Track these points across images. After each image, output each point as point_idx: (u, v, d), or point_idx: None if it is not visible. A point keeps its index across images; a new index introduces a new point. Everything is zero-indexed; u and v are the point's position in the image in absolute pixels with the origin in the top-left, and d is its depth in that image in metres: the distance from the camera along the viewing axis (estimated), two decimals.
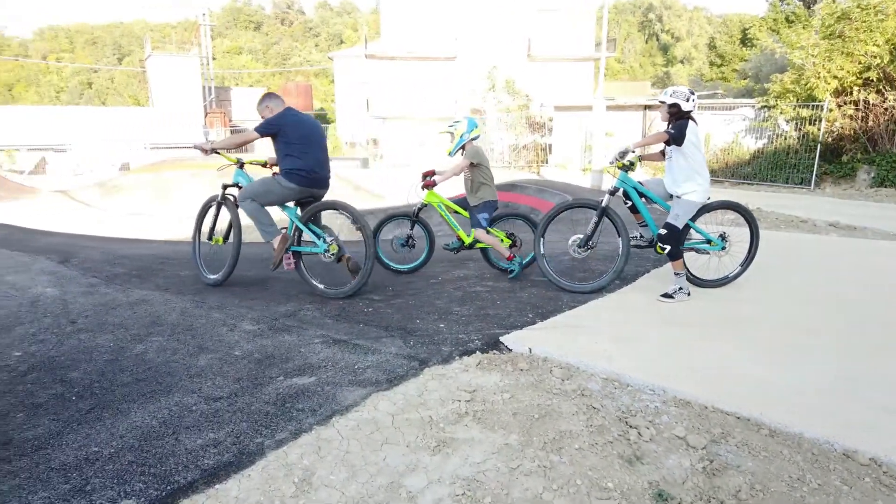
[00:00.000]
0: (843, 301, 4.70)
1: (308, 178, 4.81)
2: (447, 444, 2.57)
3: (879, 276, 5.63)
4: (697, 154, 4.72)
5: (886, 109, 14.79)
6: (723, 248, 5.04)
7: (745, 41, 60.52)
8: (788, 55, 16.50)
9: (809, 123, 15.84)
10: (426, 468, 2.40)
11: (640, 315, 4.27)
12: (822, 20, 16.06)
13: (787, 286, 5.12)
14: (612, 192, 4.88)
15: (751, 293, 4.89)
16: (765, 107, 17.04)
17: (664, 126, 4.84)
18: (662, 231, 4.71)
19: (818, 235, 8.07)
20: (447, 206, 5.62)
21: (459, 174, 5.50)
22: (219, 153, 4.99)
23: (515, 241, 5.52)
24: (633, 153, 4.80)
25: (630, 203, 5.02)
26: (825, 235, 8.08)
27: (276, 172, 4.90)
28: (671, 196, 4.87)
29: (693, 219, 4.81)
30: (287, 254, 4.81)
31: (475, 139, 5.54)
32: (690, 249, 5.05)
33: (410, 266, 5.76)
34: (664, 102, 4.76)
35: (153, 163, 20.12)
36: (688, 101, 4.69)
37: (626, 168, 4.83)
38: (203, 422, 2.70)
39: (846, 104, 15.37)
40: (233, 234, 5.15)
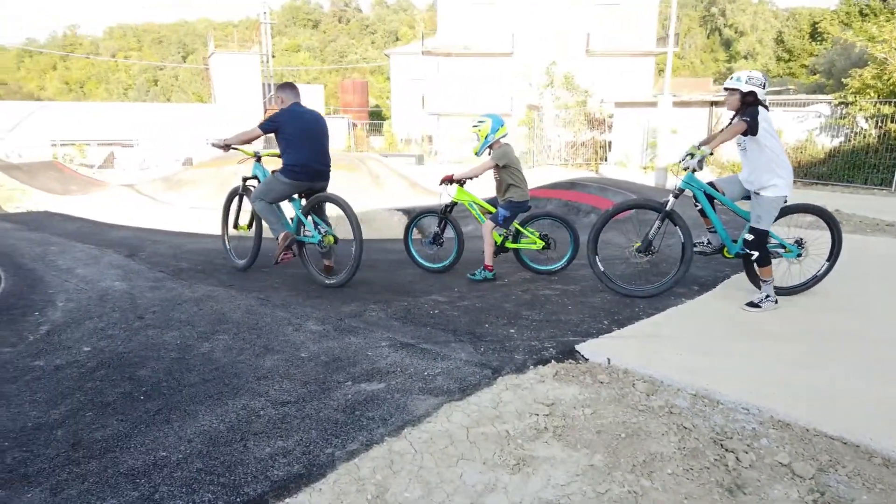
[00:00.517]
0: None
1: (304, 173, 5.00)
2: (527, 463, 2.39)
3: None
4: (774, 143, 4.28)
5: None
6: (798, 256, 4.64)
7: (815, 35, 57.87)
8: (869, 49, 15.56)
9: (892, 121, 14.89)
10: (506, 489, 2.23)
11: (725, 325, 3.98)
12: None
13: (887, 296, 4.72)
14: (677, 194, 4.51)
15: (843, 303, 4.51)
16: (842, 103, 16.13)
17: (729, 118, 4.47)
18: (749, 237, 4.35)
19: None
20: (477, 205, 5.48)
21: (481, 174, 5.36)
22: (237, 148, 5.22)
23: (549, 243, 5.31)
24: (706, 153, 4.30)
25: (699, 206, 4.66)
26: None
27: (276, 170, 5.09)
28: (747, 195, 4.51)
29: None
30: (286, 251, 5.06)
31: (503, 138, 5.38)
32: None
33: (441, 265, 5.63)
34: (736, 90, 4.30)
35: (214, 158, 20.56)
36: (763, 88, 4.29)
37: (694, 168, 4.44)
38: (271, 428, 2.60)
39: None
40: (255, 223, 5.51)
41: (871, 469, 2.43)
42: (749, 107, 4.26)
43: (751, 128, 4.20)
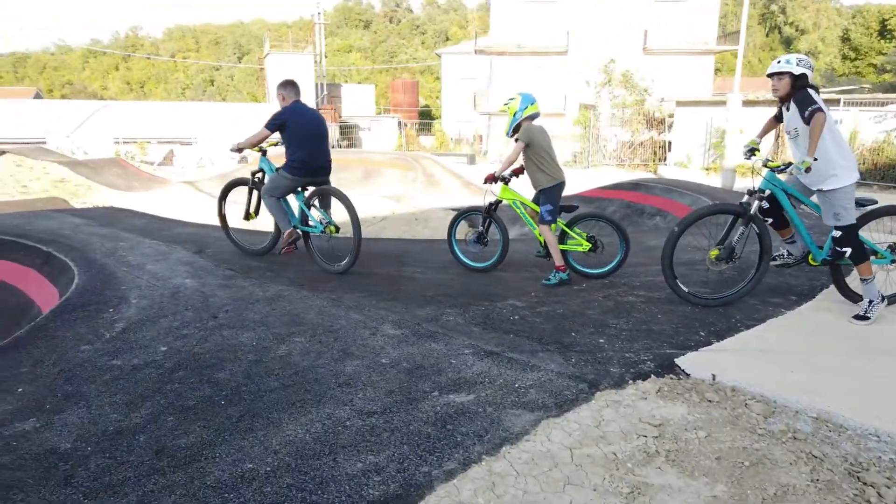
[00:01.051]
0: None
1: (305, 169, 5.35)
2: (642, 491, 2.16)
3: None
4: (833, 127, 3.93)
5: None
6: (893, 262, 4.24)
7: (885, 33, 55.16)
8: None
9: None
10: None
11: (834, 339, 3.64)
12: None
13: None
14: (761, 197, 4.13)
15: None
16: None
17: (778, 107, 4.14)
18: (836, 233, 3.98)
19: None
20: (521, 202, 5.26)
21: (516, 159, 5.15)
22: (250, 149, 5.63)
23: (597, 245, 5.02)
24: (809, 162, 3.73)
25: (770, 219, 4.23)
26: None
27: (279, 168, 5.46)
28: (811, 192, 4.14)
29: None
30: (290, 245, 5.44)
31: (533, 117, 5.12)
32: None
33: (485, 264, 5.46)
34: (786, 73, 3.96)
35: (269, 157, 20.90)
36: (812, 71, 3.98)
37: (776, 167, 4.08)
38: (360, 441, 2.43)
39: None
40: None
41: None
42: (799, 91, 3.92)
43: (823, 109, 3.82)
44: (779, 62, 4.05)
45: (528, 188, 5.21)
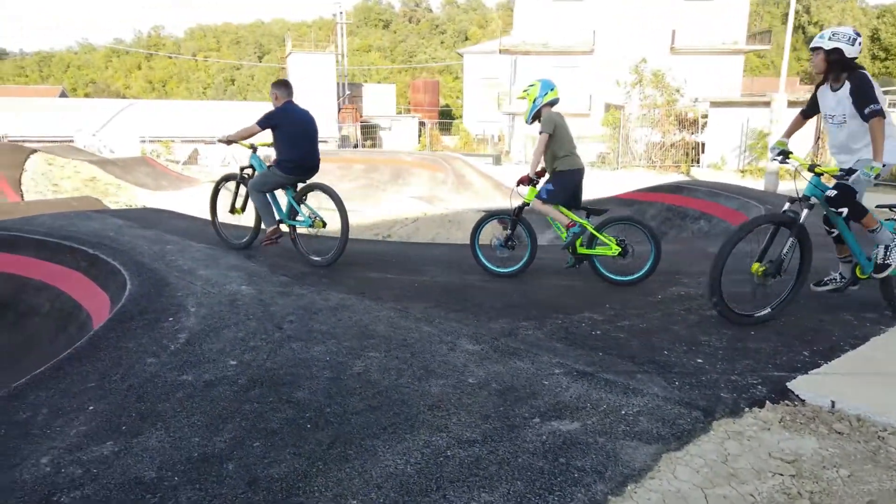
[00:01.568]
0: None
1: (296, 168, 5.54)
2: None
3: None
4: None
5: None
6: None
7: None
8: None
9: None
10: None
11: None
12: None
13: None
14: (807, 205, 3.76)
15: None
16: None
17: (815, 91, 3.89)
18: (832, 193, 3.68)
19: None
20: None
21: (543, 151, 5.02)
22: (238, 143, 5.78)
23: (626, 250, 4.85)
24: (879, 168, 3.48)
25: (835, 231, 3.90)
26: None
27: (271, 165, 5.65)
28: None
29: None
30: (270, 240, 5.61)
31: (552, 104, 5.05)
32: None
33: (511, 269, 5.25)
34: (820, 49, 3.68)
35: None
36: (853, 45, 3.63)
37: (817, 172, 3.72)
38: (467, 475, 2.23)
39: None
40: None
41: None
42: (855, 73, 3.64)
43: (883, 111, 3.54)
44: (816, 38, 3.78)
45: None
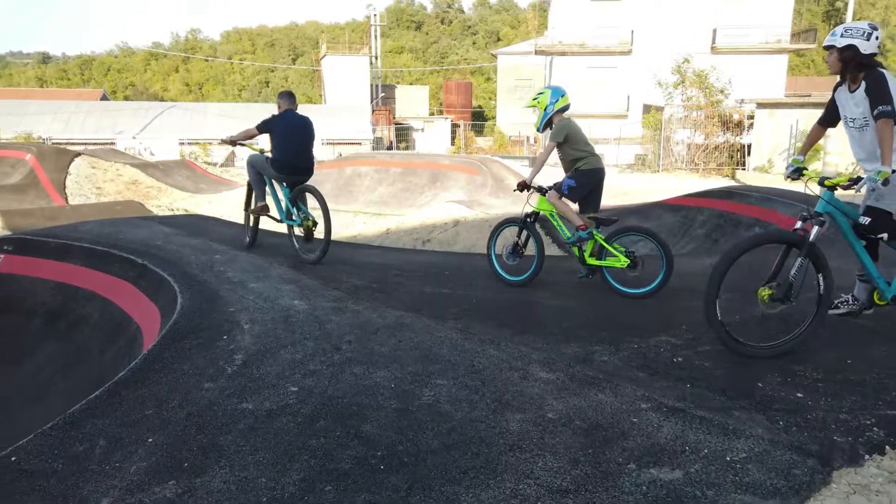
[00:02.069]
0: None
1: (286, 168, 5.98)
2: None
3: None
4: None
5: None
6: None
7: None
8: None
9: None
10: None
11: None
12: None
13: None
14: (821, 222, 3.38)
15: None
16: None
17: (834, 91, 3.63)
18: (866, 220, 3.41)
19: None
20: (562, 216, 5.10)
21: (548, 159, 5.16)
22: (243, 144, 6.32)
23: (636, 262, 4.74)
24: (888, 172, 3.20)
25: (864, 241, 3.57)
26: None
27: (268, 158, 6.13)
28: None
29: None
30: (259, 211, 6.20)
31: (564, 110, 5.09)
32: None
33: (520, 278, 5.21)
34: (833, 47, 3.45)
35: (336, 159, 20.78)
36: (868, 40, 3.37)
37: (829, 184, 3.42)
38: None
39: None
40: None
41: None
42: (872, 73, 3.39)
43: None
44: (832, 34, 3.53)
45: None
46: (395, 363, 3.37)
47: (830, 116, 3.80)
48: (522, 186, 5.11)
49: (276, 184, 6.20)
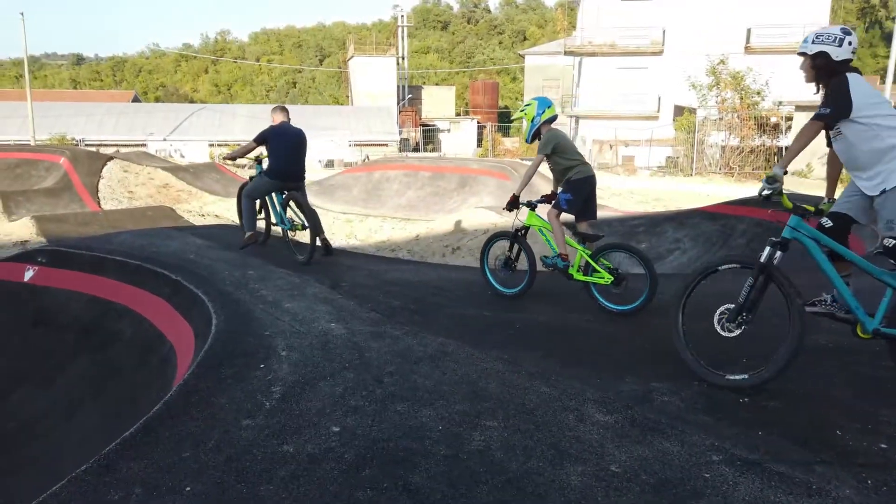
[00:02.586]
0: None
1: (281, 175, 6.66)
2: None
3: None
4: (881, 112, 3.18)
5: None
6: None
7: None
8: None
9: None
10: None
11: None
12: None
13: None
14: (781, 246, 3.28)
15: None
16: None
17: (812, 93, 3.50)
18: (890, 242, 3.08)
19: None
20: (549, 230, 5.15)
21: (535, 172, 5.18)
22: (240, 158, 7.20)
23: (620, 279, 4.73)
24: (777, 173, 3.25)
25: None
26: None
27: (262, 172, 6.85)
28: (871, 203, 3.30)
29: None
30: (248, 244, 6.74)
31: (551, 121, 5.13)
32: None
33: (513, 291, 5.32)
34: (805, 54, 3.37)
35: (366, 163, 20.70)
36: (840, 46, 3.25)
37: (801, 211, 3.31)
38: None
39: None
40: (263, 210, 7.24)
41: None
42: (832, 79, 3.27)
43: (834, 116, 3.21)
44: (805, 41, 3.43)
45: None
46: (441, 399, 3.19)
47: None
48: (512, 205, 5.12)
49: (273, 193, 6.91)
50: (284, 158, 6.62)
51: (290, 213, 6.80)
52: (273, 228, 7.32)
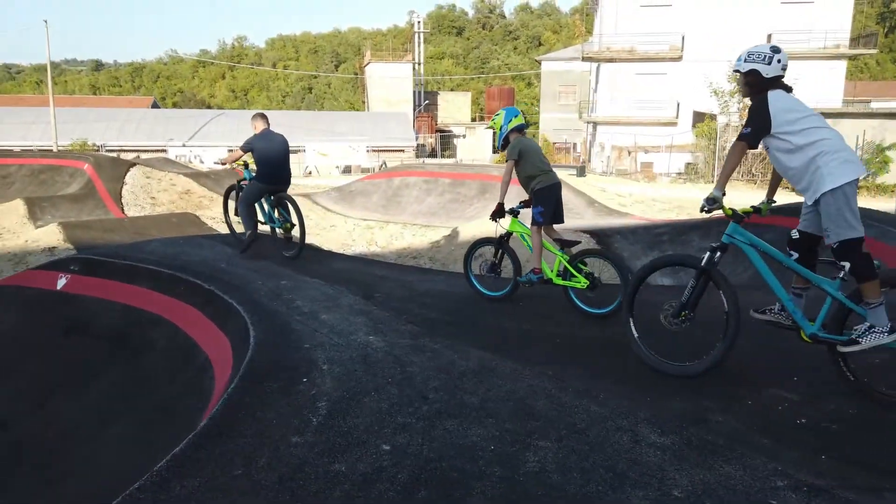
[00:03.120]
0: None
1: (268, 178, 7.06)
2: None
3: None
4: (807, 127, 3.27)
5: None
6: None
7: None
8: None
9: None
10: None
11: None
12: None
13: None
14: (720, 250, 3.59)
15: None
16: None
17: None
18: (833, 245, 3.28)
19: None
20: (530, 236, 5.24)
21: (510, 179, 5.23)
22: (231, 164, 7.51)
23: (595, 283, 4.95)
24: (717, 196, 3.43)
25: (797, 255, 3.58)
26: None
27: (252, 178, 7.18)
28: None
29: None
30: (249, 246, 7.03)
31: (520, 129, 5.25)
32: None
33: (498, 293, 5.51)
34: (738, 72, 3.51)
35: (386, 169, 20.71)
36: (769, 64, 3.39)
37: (739, 218, 3.60)
38: None
39: None
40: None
41: None
42: (751, 88, 3.45)
43: (754, 135, 3.37)
44: (738, 59, 3.55)
45: None
46: (490, 418, 3.14)
47: None
48: (498, 213, 5.26)
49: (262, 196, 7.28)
50: (272, 164, 7.00)
51: (280, 214, 7.21)
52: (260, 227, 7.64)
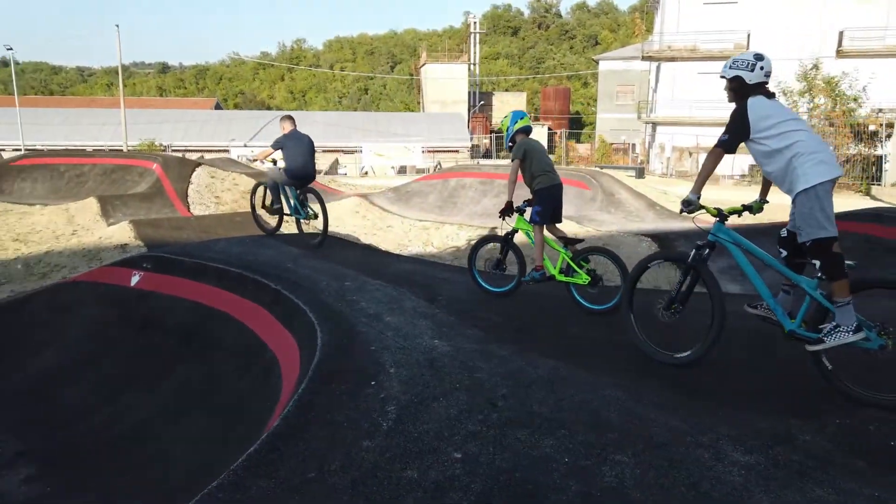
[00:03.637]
0: None
1: (295, 176, 7.79)
2: None
3: None
4: (786, 132, 3.42)
5: None
6: (882, 347, 3.28)
7: None
8: None
9: None
10: None
11: None
12: None
13: None
14: (706, 247, 3.83)
15: None
16: None
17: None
18: (806, 244, 3.45)
19: None
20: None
21: (516, 178, 5.37)
22: (263, 161, 8.26)
23: (596, 279, 5.12)
24: (692, 199, 3.73)
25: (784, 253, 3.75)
26: None
27: (282, 169, 7.90)
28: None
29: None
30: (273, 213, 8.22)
31: (525, 131, 5.41)
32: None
33: (502, 289, 5.65)
34: (724, 78, 3.66)
35: (441, 170, 20.78)
36: (752, 71, 3.53)
37: (723, 217, 3.85)
38: None
39: None
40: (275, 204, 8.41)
41: None
42: (736, 94, 3.61)
43: (730, 142, 3.55)
44: (724, 66, 3.71)
45: None
46: (562, 429, 3.07)
47: None
48: (507, 211, 5.41)
49: (288, 188, 7.91)
50: (300, 161, 7.68)
51: (305, 206, 7.85)
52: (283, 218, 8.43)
